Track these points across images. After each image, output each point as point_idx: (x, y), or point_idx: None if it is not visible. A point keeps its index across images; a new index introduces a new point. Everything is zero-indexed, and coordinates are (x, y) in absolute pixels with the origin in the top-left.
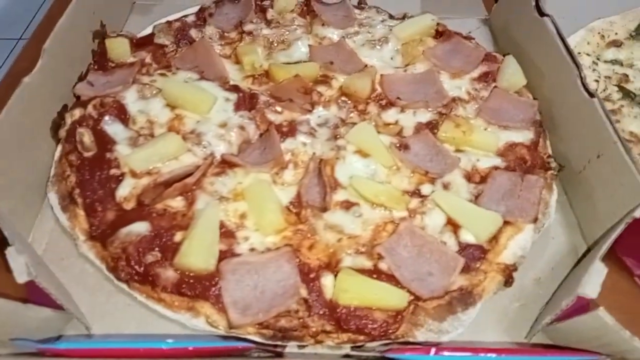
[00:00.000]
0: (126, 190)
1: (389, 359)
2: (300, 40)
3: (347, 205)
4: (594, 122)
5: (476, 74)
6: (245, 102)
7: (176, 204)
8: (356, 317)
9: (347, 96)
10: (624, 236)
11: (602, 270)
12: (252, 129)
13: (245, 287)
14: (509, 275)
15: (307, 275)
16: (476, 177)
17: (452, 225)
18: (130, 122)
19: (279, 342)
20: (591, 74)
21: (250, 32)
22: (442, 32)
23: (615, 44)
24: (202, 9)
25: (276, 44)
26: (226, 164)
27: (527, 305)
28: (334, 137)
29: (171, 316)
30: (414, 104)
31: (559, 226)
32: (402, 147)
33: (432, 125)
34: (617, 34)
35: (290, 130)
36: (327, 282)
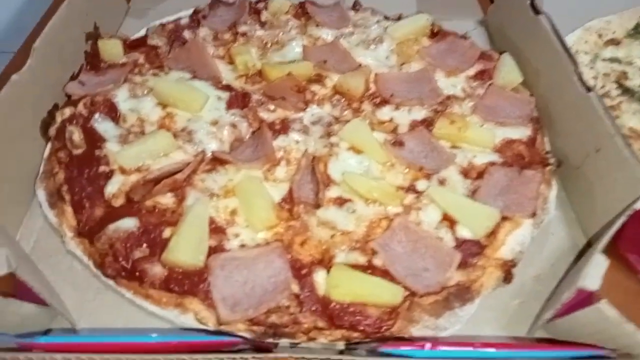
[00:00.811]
0: (115, 187)
1: (383, 354)
2: (294, 40)
3: (340, 201)
4: (591, 116)
5: (472, 72)
6: (237, 100)
7: (166, 200)
8: (349, 313)
9: (341, 94)
10: (626, 231)
11: (602, 262)
12: (244, 127)
13: (234, 283)
14: (508, 271)
15: (299, 271)
16: (473, 173)
17: (448, 221)
18: (120, 120)
19: (270, 340)
20: (589, 71)
21: (244, 33)
22: (437, 32)
23: (613, 42)
24: (196, 12)
25: (270, 45)
26: (217, 161)
27: (527, 302)
28: (327, 135)
29: (159, 313)
30: (408, 101)
31: (558, 222)
32: (397, 143)
33: (428, 122)
34: (614, 32)
35: (282, 127)
36: (320, 278)
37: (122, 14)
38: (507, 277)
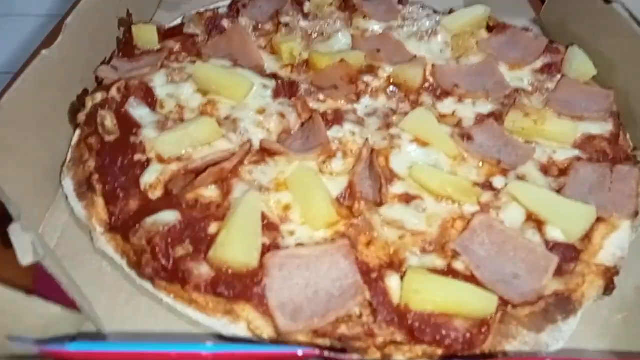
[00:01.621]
0: (152, 176)
1: None
2: (340, 32)
3: (407, 198)
4: None
5: (538, 66)
6: (284, 89)
7: (210, 193)
8: (432, 325)
9: (396, 86)
10: None
11: None
12: (293, 117)
13: (294, 286)
14: (610, 279)
15: (368, 275)
16: (554, 170)
17: (534, 221)
18: (157, 106)
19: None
20: None
21: (287, 24)
22: (493, 27)
23: None
24: (235, 1)
25: (315, 36)
26: (266, 152)
27: (631, 317)
28: (386, 126)
29: (205, 321)
30: (472, 93)
31: None
32: (465, 137)
33: (495, 116)
34: None
35: (336, 118)
36: (393, 284)
37: (154, 5)
38: (609, 287)
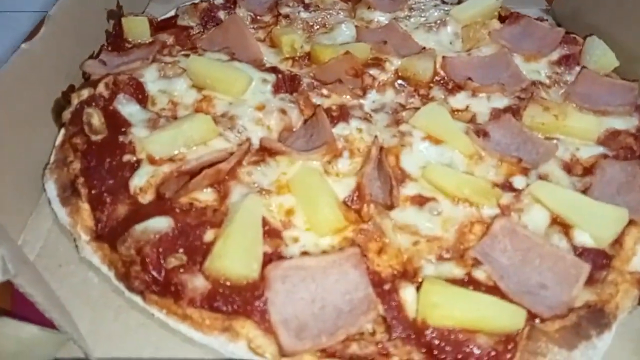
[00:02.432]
0: (143, 179)
1: None
2: (343, 23)
3: (420, 200)
4: None
5: (555, 57)
6: (285, 84)
7: (205, 197)
8: (453, 342)
9: (405, 80)
10: None
11: None
12: (295, 113)
13: (299, 301)
14: None
15: (380, 286)
16: (577, 169)
17: (559, 225)
18: (149, 102)
19: None
20: None
21: (287, 15)
22: (505, 17)
23: None
24: None
25: (317, 27)
26: (266, 151)
27: None
28: (396, 123)
29: (201, 339)
30: (487, 87)
31: None
32: (480, 134)
33: (512, 111)
34: None
35: (341, 114)
36: (408, 296)
37: None
38: None
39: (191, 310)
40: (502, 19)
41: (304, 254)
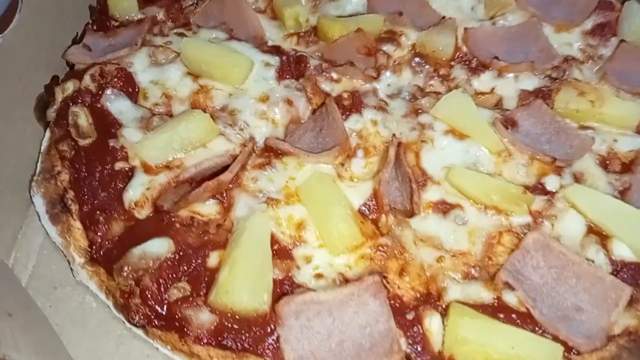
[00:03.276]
0: (138, 192)
1: None
2: None
3: (444, 207)
4: None
5: (589, 26)
6: (290, 67)
7: (207, 209)
8: None
9: (423, 57)
10: None
11: None
12: (302, 103)
13: (314, 336)
14: None
15: (402, 314)
16: (615, 164)
17: (596, 234)
18: (140, 96)
19: None
20: None
21: None
22: None
23: None
24: None
25: None
26: (272, 151)
27: None
28: (414, 112)
29: None
30: (515, 66)
31: None
32: (508, 123)
33: (543, 94)
34: None
35: (353, 103)
36: (433, 326)
37: None
38: None
39: (198, 347)
40: None
41: (318, 276)
